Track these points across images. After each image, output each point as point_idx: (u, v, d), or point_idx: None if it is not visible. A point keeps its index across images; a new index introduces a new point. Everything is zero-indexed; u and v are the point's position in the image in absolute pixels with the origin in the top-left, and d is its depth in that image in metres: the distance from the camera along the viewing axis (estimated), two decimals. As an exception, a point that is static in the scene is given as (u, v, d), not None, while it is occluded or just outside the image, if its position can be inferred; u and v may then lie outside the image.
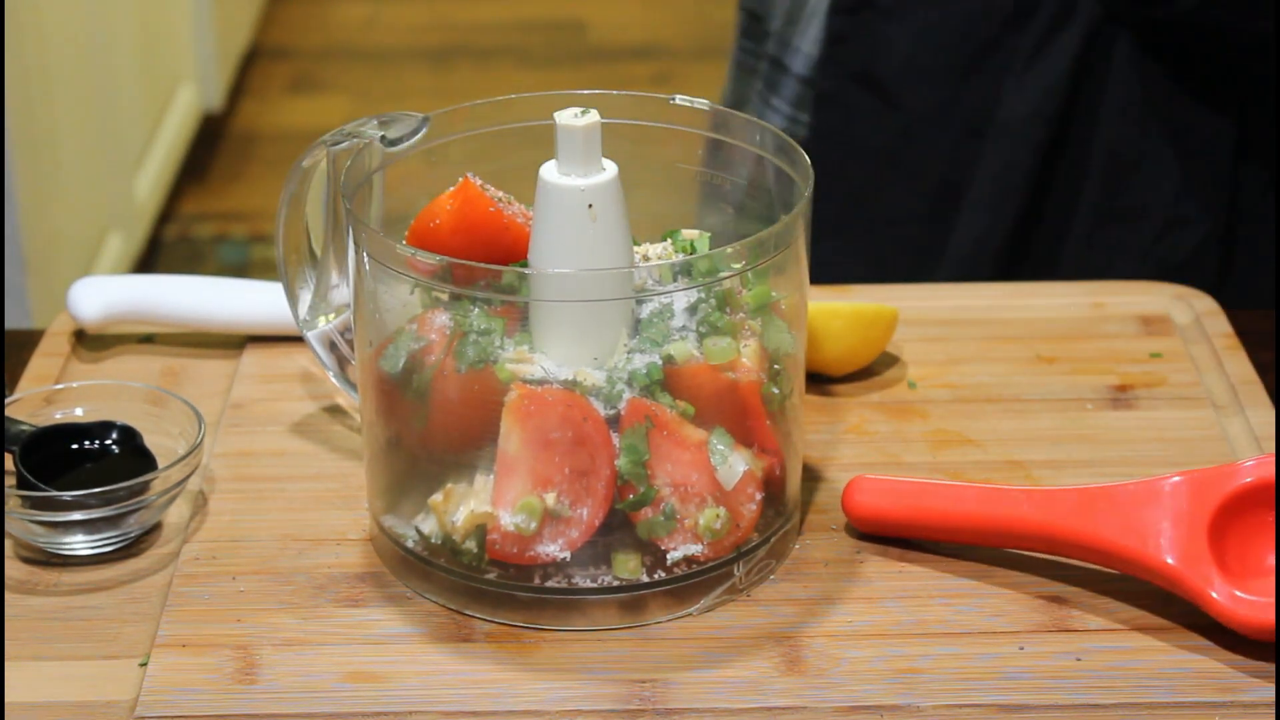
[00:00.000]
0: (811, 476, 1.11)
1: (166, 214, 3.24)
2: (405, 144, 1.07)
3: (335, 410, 1.18)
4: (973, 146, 1.49)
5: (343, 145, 1.05)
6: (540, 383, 0.97)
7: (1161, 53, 1.46)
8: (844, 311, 1.19)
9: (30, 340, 1.26)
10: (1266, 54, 1.43)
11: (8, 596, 1.03)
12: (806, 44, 1.52)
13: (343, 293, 1.10)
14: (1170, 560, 0.98)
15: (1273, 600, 0.96)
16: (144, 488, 1.05)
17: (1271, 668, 0.97)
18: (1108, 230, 1.50)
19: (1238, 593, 0.97)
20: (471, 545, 1.00)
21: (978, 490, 1.04)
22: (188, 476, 1.07)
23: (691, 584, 1.01)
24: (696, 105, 1.09)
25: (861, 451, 1.14)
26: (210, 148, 3.49)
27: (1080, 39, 1.45)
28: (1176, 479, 1.00)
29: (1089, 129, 1.48)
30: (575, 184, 1.00)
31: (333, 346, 1.12)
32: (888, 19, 1.49)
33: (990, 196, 1.49)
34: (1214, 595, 0.97)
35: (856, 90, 1.51)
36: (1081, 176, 1.49)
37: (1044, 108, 1.47)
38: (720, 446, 0.99)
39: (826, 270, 1.54)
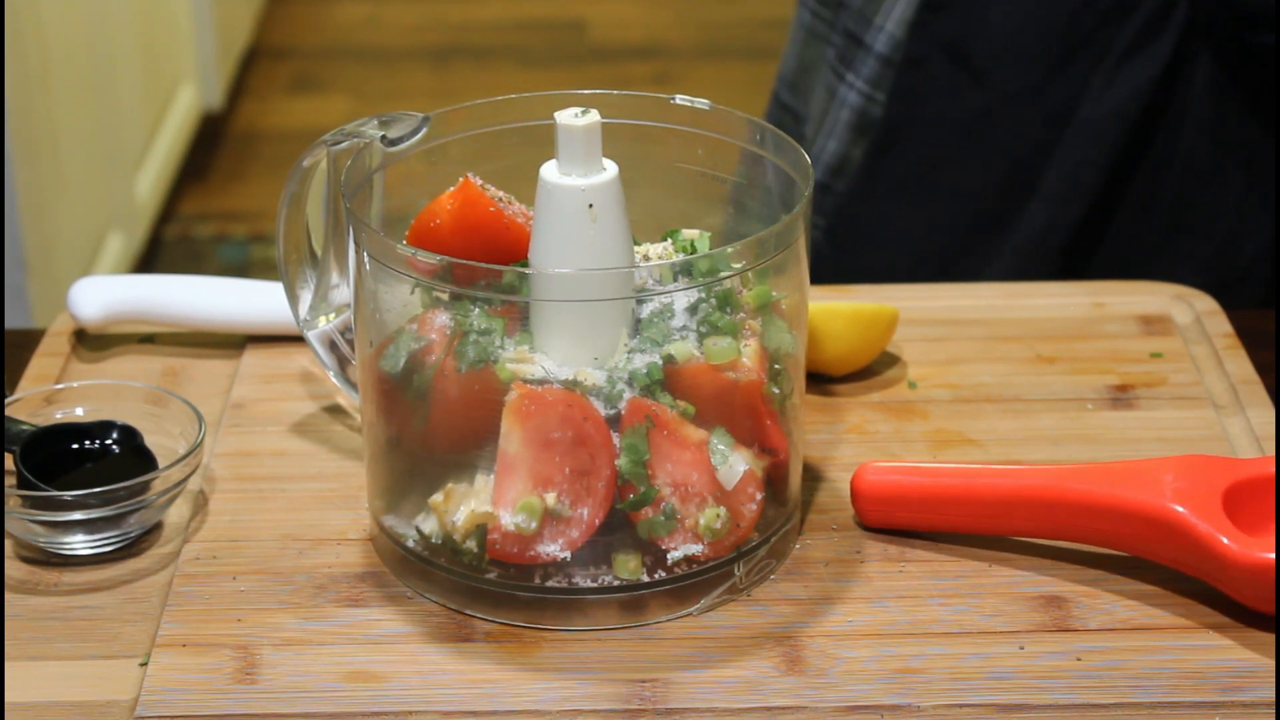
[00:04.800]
0: (812, 476, 1.11)
1: (167, 214, 3.24)
2: (405, 144, 1.07)
3: (335, 410, 1.18)
4: (1051, 137, 1.49)
5: (343, 145, 1.05)
6: (541, 382, 0.97)
7: (1240, 71, 1.46)
8: (844, 311, 1.19)
9: (30, 340, 1.26)
10: None
11: (8, 596, 1.03)
12: (891, 24, 1.50)
13: (343, 292, 1.10)
14: (1182, 511, 0.98)
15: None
16: (144, 488, 1.05)
17: (1272, 668, 0.97)
18: (1177, 240, 1.50)
19: (1232, 542, 0.98)
20: (472, 545, 1.00)
21: (989, 468, 1.05)
22: (188, 476, 1.07)
23: (692, 584, 1.01)
24: (696, 105, 1.09)
25: (862, 451, 1.14)
26: (210, 148, 3.49)
27: (1172, 47, 1.45)
28: (1193, 457, 1.02)
29: (1170, 138, 1.48)
30: (575, 184, 1.00)
31: (333, 346, 1.12)
32: None
33: (1061, 189, 1.49)
34: (1220, 538, 0.97)
35: (943, 61, 1.50)
36: (1158, 185, 1.49)
37: (1127, 109, 1.46)
38: (721, 446, 0.99)
39: (889, 224, 1.55)
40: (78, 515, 1.04)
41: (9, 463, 1.07)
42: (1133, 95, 1.46)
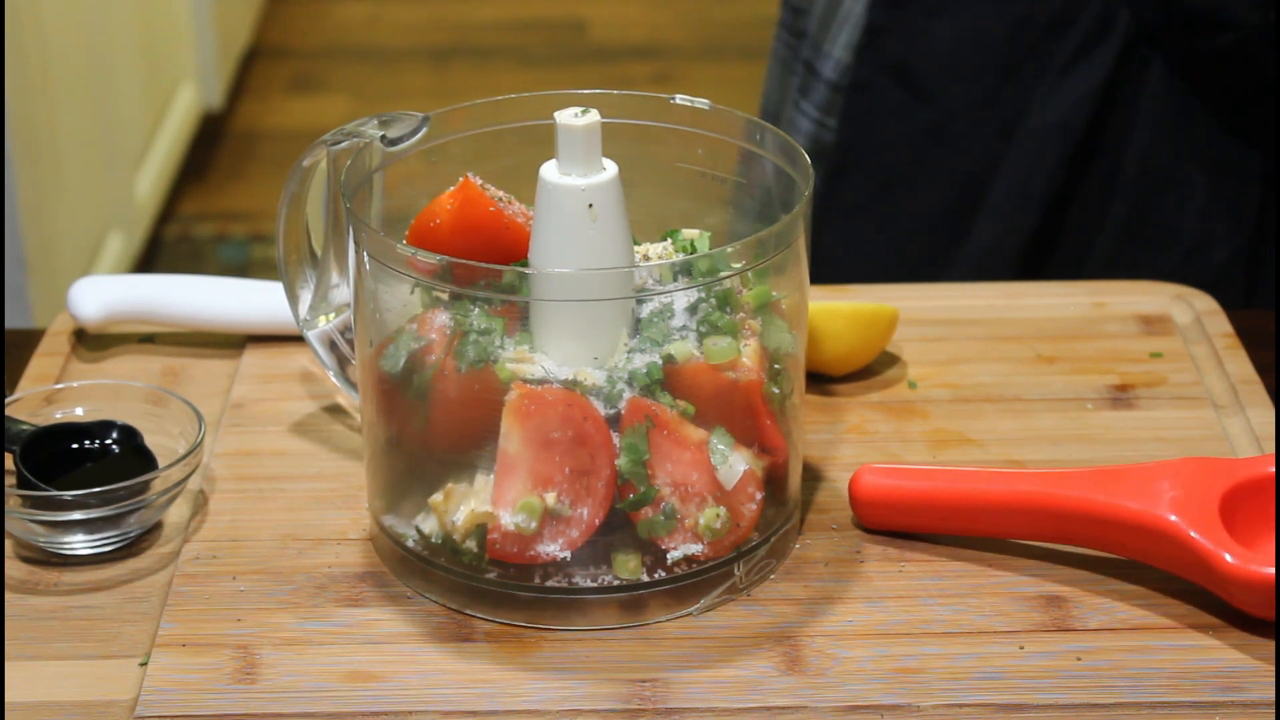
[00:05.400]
0: (812, 476, 1.11)
1: (166, 214, 3.24)
2: (405, 144, 1.07)
3: (335, 410, 1.18)
4: (1001, 149, 1.49)
5: (343, 145, 1.05)
6: (540, 382, 0.97)
7: (1193, 75, 1.46)
8: (844, 311, 1.19)
9: (30, 340, 1.26)
10: None
11: (8, 596, 1.03)
12: (838, 49, 1.52)
13: (343, 292, 1.10)
14: (1179, 521, 0.98)
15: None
16: (144, 487, 1.05)
17: (1272, 668, 0.97)
18: (1134, 249, 1.50)
19: (1231, 556, 0.97)
20: (472, 545, 1.00)
21: (987, 471, 1.05)
22: (188, 476, 1.07)
23: (692, 583, 1.01)
24: (696, 105, 1.09)
25: (862, 451, 1.14)
26: (210, 147, 3.49)
27: (1116, 54, 1.45)
28: (1190, 461, 1.01)
29: (1119, 145, 1.48)
30: (575, 184, 1.00)
31: (333, 346, 1.12)
32: (931, 15, 1.49)
33: (1011, 201, 1.49)
34: (1219, 552, 0.97)
35: (890, 83, 1.50)
36: (1109, 193, 1.49)
37: (1073, 118, 1.47)
38: (720, 446, 0.99)
39: (847, 247, 1.55)
40: (78, 515, 1.04)
41: (9, 463, 1.07)
42: (1078, 103, 1.46)
